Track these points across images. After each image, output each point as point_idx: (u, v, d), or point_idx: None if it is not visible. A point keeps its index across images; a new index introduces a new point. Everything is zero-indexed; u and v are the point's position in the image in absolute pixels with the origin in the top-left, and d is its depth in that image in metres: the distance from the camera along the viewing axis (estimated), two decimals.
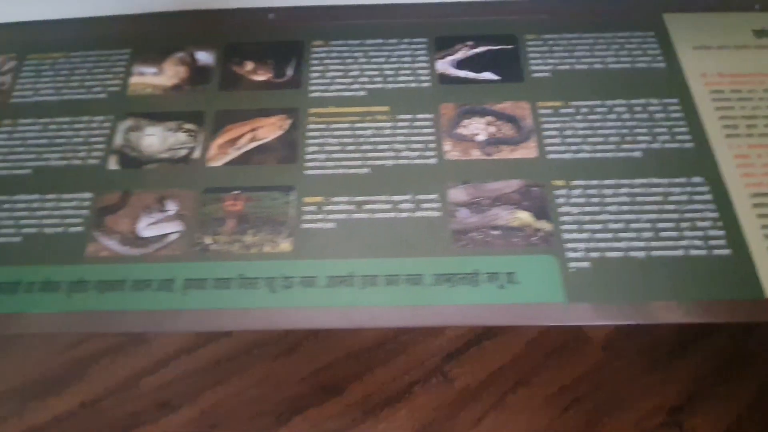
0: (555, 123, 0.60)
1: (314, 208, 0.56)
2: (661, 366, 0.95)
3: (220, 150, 0.60)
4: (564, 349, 0.99)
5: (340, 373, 0.97)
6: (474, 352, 0.99)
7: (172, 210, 0.56)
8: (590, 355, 0.97)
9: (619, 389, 0.93)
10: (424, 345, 0.99)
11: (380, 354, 0.99)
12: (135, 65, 0.67)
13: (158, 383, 0.95)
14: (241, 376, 0.96)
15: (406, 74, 0.64)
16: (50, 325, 0.51)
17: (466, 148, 0.58)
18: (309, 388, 0.95)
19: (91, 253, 0.54)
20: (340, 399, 0.94)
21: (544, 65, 0.64)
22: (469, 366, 0.97)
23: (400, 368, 0.97)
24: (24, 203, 0.58)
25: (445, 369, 0.97)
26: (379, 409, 0.93)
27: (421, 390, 0.95)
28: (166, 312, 0.51)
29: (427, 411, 0.93)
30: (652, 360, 0.95)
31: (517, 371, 0.96)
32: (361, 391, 0.95)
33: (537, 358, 0.98)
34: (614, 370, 0.95)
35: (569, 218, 0.54)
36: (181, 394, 0.94)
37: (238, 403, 0.93)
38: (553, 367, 0.96)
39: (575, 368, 0.96)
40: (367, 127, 0.60)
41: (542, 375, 0.96)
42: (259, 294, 0.51)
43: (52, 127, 0.63)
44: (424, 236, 0.54)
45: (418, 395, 0.94)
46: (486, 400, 0.94)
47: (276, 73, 0.65)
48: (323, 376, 0.97)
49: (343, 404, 0.94)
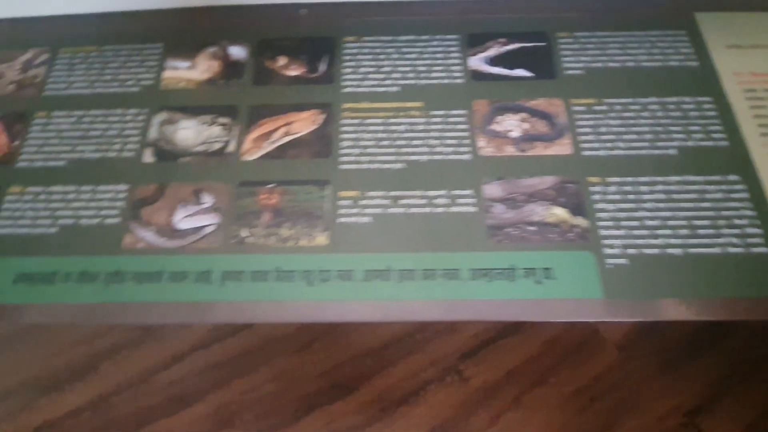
0: (589, 120, 0.60)
1: (350, 202, 0.56)
2: (678, 366, 0.95)
3: (254, 144, 0.60)
4: (580, 348, 0.98)
5: (356, 370, 0.97)
6: (489, 351, 0.99)
7: (207, 203, 0.56)
8: (606, 355, 0.97)
9: (636, 390, 0.93)
10: (439, 343, 0.99)
11: (395, 352, 0.99)
12: (168, 59, 0.67)
13: (173, 378, 0.95)
14: (256, 372, 0.96)
15: (438, 70, 0.64)
16: (87, 316, 0.52)
17: (500, 145, 0.59)
18: (324, 385, 0.95)
19: (127, 245, 0.55)
20: (355, 396, 0.94)
21: (576, 63, 0.64)
22: (484, 365, 0.97)
23: (415, 366, 0.97)
24: (60, 194, 0.58)
25: (461, 368, 0.97)
26: (395, 407, 0.93)
27: (436, 388, 0.95)
28: (204, 303, 0.51)
29: (443, 409, 0.93)
30: (669, 360, 0.95)
31: (533, 371, 0.96)
32: (376, 389, 0.95)
33: (553, 357, 0.98)
34: (631, 370, 0.95)
35: (605, 215, 0.54)
36: (196, 390, 0.94)
37: (252, 399, 0.93)
38: (569, 367, 0.96)
39: (592, 368, 0.96)
40: (400, 123, 0.61)
41: (558, 375, 0.95)
42: (297, 287, 0.51)
43: (86, 119, 0.63)
44: (460, 231, 0.54)
45: (433, 394, 0.94)
46: (502, 399, 0.93)
47: (309, 69, 0.65)
48: (338, 373, 0.97)
49: (359, 402, 0.94)
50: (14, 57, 0.70)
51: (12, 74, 0.68)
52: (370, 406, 0.94)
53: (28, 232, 0.56)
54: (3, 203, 0.58)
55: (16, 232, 0.56)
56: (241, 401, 0.94)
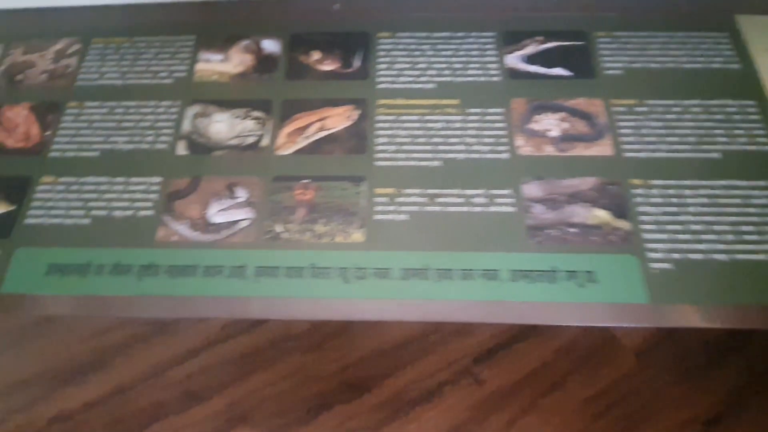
0: (630, 121, 0.59)
1: (386, 199, 0.55)
2: (698, 374, 0.93)
3: (288, 138, 0.59)
4: (597, 354, 0.97)
5: (369, 370, 0.95)
6: (505, 354, 0.97)
7: (241, 197, 0.56)
8: (624, 361, 0.96)
9: (654, 397, 0.91)
10: (453, 345, 0.98)
11: (409, 353, 0.98)
12: (200, 52, 0.67)
13: (186, 373, 0.95)
14: (270, 369, 0.96)
15: (475, 68, 0.63)
16: (120, 308, 0.51)
17: (539, 144, 0.57)
18: (337, 384, 0.94)
19: (161, 238, 0.54)
20: (369, 396, 0.93)
21: (616, 63, 0.63)
22: (499, 368, 0.96)
23: (429, 368, 0.96)
24: (92, 185, 0.58)
25: (475, 370, 0.96)
26: (409, 408, 0.92)
27: (451, 391, 0.94)
28: (239, 298, 0.50)
29: (458, 412, 0.92)
30: (689, 367, 0.93)
31: (548, 375, 0.94)
32: (390, 390, 0.94)
33: (569, 362, 0.96)
34: (649, 377, 0.93)
35: (648, 218, 0.53)
36: (209, 386, 0.93)
37: (265, 397, 0.93)
38: (586, 372, 0.95)
39: (609, 374, 0.94)
40: (437, 120, 0.60)
41: (575, 380, 0.94)
42: (332, 284, 0.50)
43: (118, 110, 0.63)
44: (499, 231, 0.53)
45: (448, 396, 0.93)
46: (517, 403, 0.92)
47: (343, 64, 0.65)
48: (352, 372, 0.96)
49: (373, 402, 0.93)
50: (46, 47, 0.69)
51: (44, 64, 0.68)
52: (385, 407, 0.93)
53: (61, 222, 0.56)
54: (35, 193, 0.58)
55: (48, 222, 0.56)
56: (254, 399, 0.94)
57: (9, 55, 0.69)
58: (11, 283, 0.52)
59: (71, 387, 0.94)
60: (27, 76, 0.67)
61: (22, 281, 0.52)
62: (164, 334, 1.01)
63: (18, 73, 0.68)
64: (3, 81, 0.67)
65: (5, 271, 0.53)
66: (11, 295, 0.52)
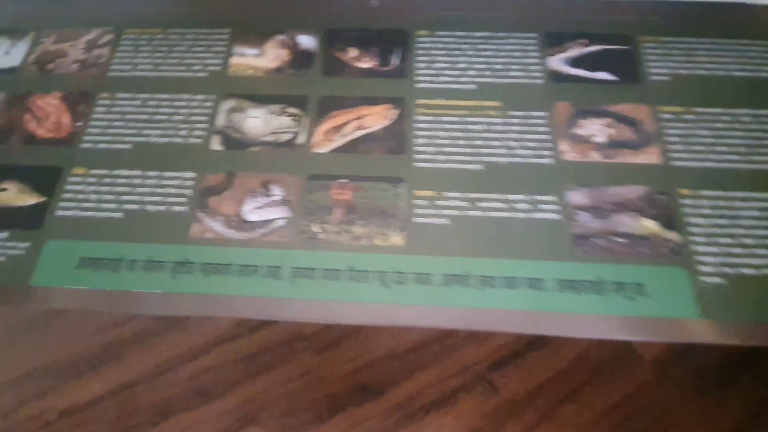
0: (677, 129, 0.57)
1: (426, 202, 0.54)
2: (717, 388, 0.91)
3: (325, 136, 0.58)
4: (614, 364, 0.95)
5: (383, 373, 0.94)
6: (520, 363, 0.96)
7: (277, 195, 0.54)
8: (642, 373, 0.94)
9: (672, 410, 0.89)
10: (468, 351, 0.96)
11: (423, 357, 0.96)
12: (235, 45, 0.65)
13: (197, 370, 0.94)
14: (281, 368, 0.94)
15: (516, 69, 0.62)
16: (153, 305, 0.50)
17: (584, 150, 0.56)
18: (350, 387, 0.93)
19: (195, 234, 0.53)
20: (381, 400, 0.91)
21: (662, 68, 0.61)
22: (515, 375, 0.94)
23: (443, 373, 0.94)
24: (125, 178, 0.57)
25: (491, 377, 0.94)
26: (423, 413, 0.90)
27: (465, 397, 0.92)
28: (275, 299, 0.49)
29: (473, 419, 0.90)
30: (709, 381, 0.91)
31: (565, 384, 0.93)
32: (403, 393, 0.92)
33: (586, 372, 0.94)
34: (667, 390, 0.91)
35: (699, 230, 0.51)
36: (220, 383, 0.92)
37: (277, 397, 0.91)
38: (603, 383, 0.93)
39: (626, 386, 0.92)
40: (478, 122, 0.58)
41: (591, 390, 0.92)
42: (371, 288, 0.49)
43: (151, 103, 0.62)
44: (543, 238, 0.51)
45: (462, 402, 0.91)
46: (533, 412, 0.90)
47: (381, 62, 0.63)
48: (365, 374, 0.94)
49: (385, 405, 0.91)
50: (78, 36, 0.68)
51: (76, 53, 0.67)
52: (398, 410, 0.92)
53: (92, 215, 0.55)
54: (66, 184, 0.57)
55: (79, 215, 0.55)
56: (266, 398, 0.92)
57: (40, 43, 0.68)
58: (42, 276, 0.51)
59: (82, 380, 0.93)
60: (58, 65, 0.66)
61: (53, 274, 0.51)
62: (175, 330, 1.00)
63: (49, 61, 0.67)
64: (34, 69, 0.66)
65: (36, 263, 0.52)
66: (42, 288, 0.51)
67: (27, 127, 0.61)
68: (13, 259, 0.52)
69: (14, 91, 0.64)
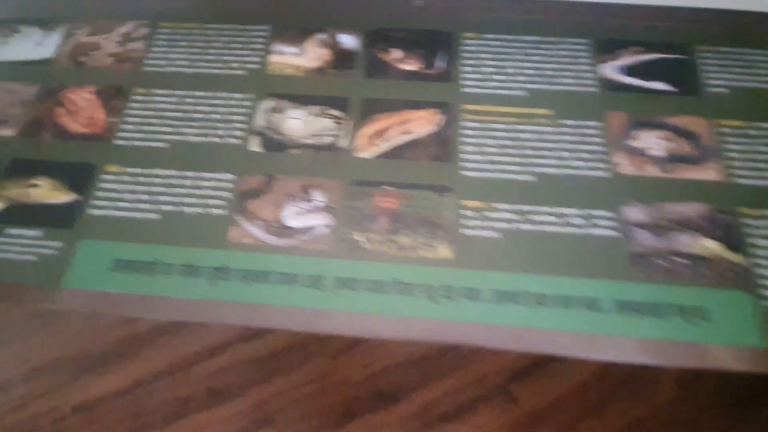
0: (738, 144, 0.54)
1: (474, 213, 0.51)
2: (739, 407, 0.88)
3: (368, 141, 0.56)
4: (636, 379, 0.93)
5: (399, 380, 0.92)
6: (540, 374, 0.93)
7: (319, 200, 0.52)
8: (664, 390, 0.91)
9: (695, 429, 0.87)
10: (487, 360, 0.94)
11: (441, 364, 0.94)
12: (274, 43, 0.63)
13: (212, 370, 0.92)
14: (297, 371, 0.93)
15: (567, 76, 0.59)
16: (190, 313, 0.48)
17: (641, 163, 0.53)
18: (366, 392, 0.91)
19: (233, 239, 0.51)
20: (398, 407, 0.90)
21: (719, 80, 0.59)
22: (534, 388, 0.92)
23: (461, 383, 0.92)
24: (161, 178, 0.55)
25: (510, 388, 0.92)
26: (440, 423, 0.88)
27: (484, 408, 0.90)
28: (316, 310, 0.47)
29: (491, 430, 0.88)
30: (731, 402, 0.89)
31: (586, 398, 0.90)
32: (420, 402, 0.90)
33: (607, 385, 0.92)
34: (690, 407, 0.89)
35: (764, 252, 0.48)
36: (235, 384, 0.91)
37: (292, 399, 0.89)
38: (624, 399, 0.90)
39: (646, 402, 0.90)
40: (528, 130, 0.56)
41: (612, 406, 0.89)
42: (418, 302, 0.47)
43: (188, 100, 0.60)
44: (599, 256, 0.49)
45: (481, 413, 0.89)
46: (552, 425, 0.88)
47: (425, 64, 0.61)
48: (380, 381, 0.92)
49: (402, 413, 0.89)
50: (112, 28, 0.66)
51: (110, 46, 0.65)
52: (414, 419, 0.90)
53: (127, 215, 0.53)
54: (100, 182, 0.55)
55: (114, 214, 0.53)
56: (280, 401, 0.91)
57: (73, 35, 0.66)
58: (75, 278, 0.49)
59: (96, 375, 0.92)
60: (92, 58, 0.64)
61: (87, 276, 0.49)
62: (190, 329, 0.98)
63: (83, 54, 0.65)
64: (67, 61, 0.64)
65: (69, 264, 0.50)
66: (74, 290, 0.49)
67: (59, 121, 0.59)
68: (45, 258, 0.50)
69: (46, 84, 0.62)
